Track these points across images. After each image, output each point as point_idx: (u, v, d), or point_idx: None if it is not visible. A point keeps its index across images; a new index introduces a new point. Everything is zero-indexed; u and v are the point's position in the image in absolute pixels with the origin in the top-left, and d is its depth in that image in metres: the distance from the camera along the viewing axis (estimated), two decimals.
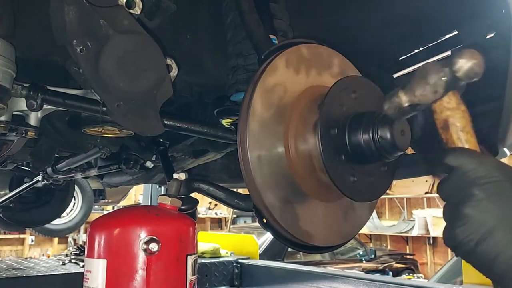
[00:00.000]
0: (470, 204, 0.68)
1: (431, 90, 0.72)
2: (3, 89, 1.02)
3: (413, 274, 9.59)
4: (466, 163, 0.70)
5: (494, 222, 0.66)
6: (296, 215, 0.94)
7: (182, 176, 1.05)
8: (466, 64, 0.69)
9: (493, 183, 0.68)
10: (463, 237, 0.67)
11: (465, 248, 0.68)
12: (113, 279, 0.91)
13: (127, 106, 1.03)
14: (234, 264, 3.32)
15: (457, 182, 0.71)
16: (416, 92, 0.73)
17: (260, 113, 0.92)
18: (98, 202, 5.71)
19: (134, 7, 1.02)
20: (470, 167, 0.70)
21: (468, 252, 0.68)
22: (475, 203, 0.67)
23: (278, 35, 1.18)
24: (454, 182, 0.71)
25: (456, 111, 0.74)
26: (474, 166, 0.70)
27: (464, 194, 0.69)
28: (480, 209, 0.67)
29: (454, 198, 0.71)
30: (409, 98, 0.74)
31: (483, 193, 0.67)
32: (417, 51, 1.59)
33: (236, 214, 12.15)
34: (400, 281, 2.79)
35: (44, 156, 1.85)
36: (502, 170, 0.69)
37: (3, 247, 11.00)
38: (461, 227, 0.68)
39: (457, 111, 0.74)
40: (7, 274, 2.57)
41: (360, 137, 0.87)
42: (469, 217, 0.67)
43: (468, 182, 0.69)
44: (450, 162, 0.72)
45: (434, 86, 0.72)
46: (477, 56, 0.70)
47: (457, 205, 0.69)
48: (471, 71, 0.70)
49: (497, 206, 0.67)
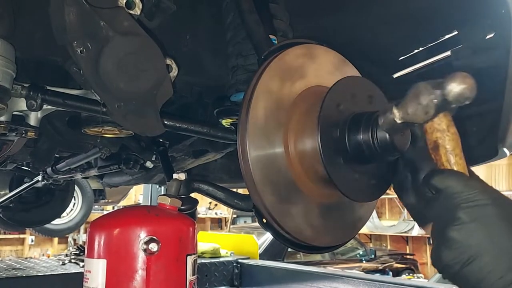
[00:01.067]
0: (455, 227, 0.68)
1: (423, 111, 0.73)
2: (3, 89, 1.02)
3: (413, 274, 9.59)
4: (452, 185, 0.71)
5: (479, 246, 0.67)
6: (296, 215, 0.94)
7: (182, 176, 1.05)
8: (456, 88, 0.70)
9: (478, 207, 0.69)
10: (448, 260, 0.68)
11: (451, 271, 0.69)
12: (113, 279, 0.91)
13: (127, 107, 1.03)
14: (234, 264, 3.33)
15: (443, 204, 0.72)
16: (408, 110, 0.74)
17: (260, 113, 0.92)
18: (98, 202, 5.72)
19: (134, 8, 1.02)
20: (456, 190, 0.71)
21: (453, 274, 0.69)
22: (460, 227, 0.68)
23: (278, 35, 1.18)
24: (440, 203, 0.73)
25: (446, 133, 0.75)
26: (460, 189, 0.70)
27: (449, 217, 0.70)
28: (464, 232, 0.68)
29: (440, 220, 0.72)
30: (402, 115, 0.75)
31: (468, 217, 0.68)
32: (417, 51, 1.59)
33: (236, 214, 12.15)
34: (400, 281, 2.79)
35: (44, 156, 1.85)
36: (488, 193, 0.70)
37: (3, 247, 11.01)
38: (446, 251, 0.69)
39: (447, 133, 0.75)
40: (7, 274, 2.58)
41: (360, 138, 0.88)
42: (454, 241, 0.68)
43: (453, 205, 0.70)
44: (436, 183, 0.73)
45: (425, 107, 0.72)
46: (469, 81, 0.70)
47: (443, 227, 0.70)
48: (462, 96, 0.70)
49: (481, 230, 0.67)
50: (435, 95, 0.72)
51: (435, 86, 0.72)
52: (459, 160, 0.75)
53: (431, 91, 0.72)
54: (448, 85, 0.71)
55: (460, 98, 0.71)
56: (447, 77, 0.72)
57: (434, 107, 0.72)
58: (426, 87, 0.73)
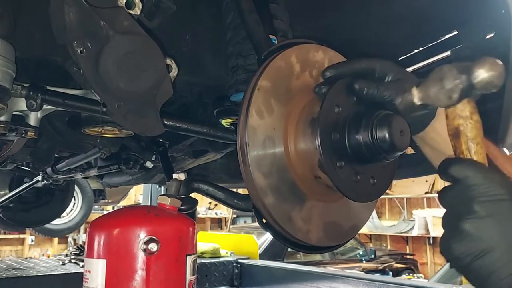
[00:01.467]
0: (469, 220, 0.67)
1: (446, 95, 0.70)
2: (3, 89, 1.02)
3: (413, 274, 9.59)
4: (471, 176, 0.69)
5: (492, 241, 0.66)
6: (296, 215, 0.94)
7: (182, 176, 1.05)
8: (485, 75, 0.67)
9: (496, 201, 0.67)
10: (460, 252, 0.67)
11: (461, 263, 0.68)
12: (112, 279, 0.91)
13: (127, 107, 1.03)
14: (234, 264, 3.33)
15: (459, 194, 0.70)
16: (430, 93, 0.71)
17: (260, 113, 0.92)
18: (98, 202, 5.71)
19: (133, 7, 1.02)
20: (474, 181, 0.68)
21: (463, 267, 0.68)
22: (475, 220, 0.67)
23: (278, 35, 1.18)
24: (456, 193, 0.70)
25: (468, 120, 0.71)
26: (478, 181, 0.68)
27: (464, 209, 0.68)
28: (478, 226, 0.66)
29: (454, 210, 0.70)
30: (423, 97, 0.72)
31: (484, 211, 0.67)
32: (417, 51, 1.59)
33: (236, 214, 12.16)
34: (400, 281, 2.80)
35: (44, 156, 1.86)
36: (507, 188, 0.68)
37: (3, 247, 11.01)
38: (457, 243, 0.67)
39: (470, 121, 0.72)
40: (7, 274, 2.58)
41: (360, 137, 0.87)
42: (466, 233, 0.67)
43: (470, 197, 0.68)
44: (454, 173, 0.71)
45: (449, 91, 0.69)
46: (498, 68, 0.67)
47: (457, 218, 0.68)
48: (490, 83, 0.67)
49: (496, 225, 0.66)
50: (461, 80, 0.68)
51: (461, 70, 0.69)
52: (480, 149, 0.72)
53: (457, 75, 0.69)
54: (476, 71, 0.67)
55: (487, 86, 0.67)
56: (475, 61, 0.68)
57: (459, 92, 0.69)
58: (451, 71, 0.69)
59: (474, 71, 0.67)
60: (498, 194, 0.67)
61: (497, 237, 0.66)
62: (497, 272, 0.65)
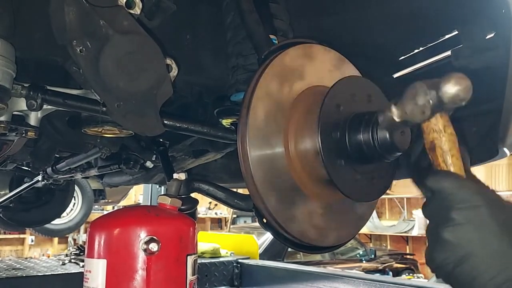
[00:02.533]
0: (448, 228, 0.69)
1: (419, 111, 0.73)
2: (3, 89, 1.02)
3: (413, 274, 9.59)
4: (447, 187, 0.71)
5: (471, 247, 0.67)
6: (296, 215, 0.94)
7: (182, 176, 1.05)
8: (451, 89, 0.70)
9: (472, 208, 0.69)
10: (441, 260, 0.69)
11: (444, 271, 0.69)
12: (113, 279, 0.91)
13: (127, 106, 1.03)
14: (234, 264, 3.32)
15: (437, 204, 0.72)
16: (406, 110, 0.74)
17: (260, 113, 0.92)
18: (98, 202, 5.71)
19: (134, 7, 1.02)
20: (450, 191, 0.71)
21: (446, 274, 0.69)
22: (453, 228, 0.68)
23: (278, 35, 1.18)
24: (434, 204, 0.73)
25: (442, 133, 0.75)
26: (454, 190, 0.71)
27: (443, 218, 0.70)
28: (457, 233, 0.68)
29: (434, 220, 0.72)
30: (401, 114, 0.75)
31: (462, 218, 0.68)
32: (417, 51, 1.59)
33: (236, 214, 12.15)
34: (400, 281, 2.80)
35: (44, 156, 1.86)
36: (482, 195, 0.71)
37: (3, 247, 11.00)
38: (438, 251, 0.69)
39: (444, 134, 0.75)
40: (7, 274, 2.58)
41: (360, 137, 0.88)
42: (446, 241, 0.68)
43: (447, 206, 0.70)
44: (431, 185, 0.73)
45: (422, 107, 0.72)
46: (464, 82, 0.70)
47: (436, 227, 0.70)
48: (456, 97, 0.70)
49: (474, 231, 0.68)
50: (431, 96, 0.71)
51: (431, 86, 0.72)
52: (456, 161, 0.75)
53: (427, 92, 0.72)
54: (443, 86, 0.70)
55: (455, 100, 0.70)
56: (442, 77, 0.71)
57: (430, 107, 0.72)
58: (422, 87, 0.72)
59: (442, 87, 0.70)
60: (474, 200, 0.69)
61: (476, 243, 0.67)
62: (479, 277, 0.66)
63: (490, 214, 0.68)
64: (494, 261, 0.66)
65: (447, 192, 0.71)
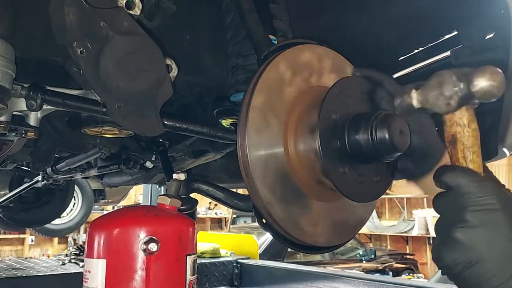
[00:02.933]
0: (461, 229, 0.67)
1: (444, 102, 0.69)
2: (3, 89, 1.02)
3: (413, 274, 9.59)
4: (465, 185, 0.69)
5: (483, 250, 0.66)
6: (296, 215, 0.94)
7: (182, 177, 1.05)
8: (485, 84, 0.66)
9: (488, 211, 0.67)
10: (451, 260, 0.67)
11: (451, 271, 0.68)
12: (112, 279, 0.91)
13: (127, 107, 1.03)
14: (234, 264, 3.33)
15: (452, 202, 0.70)
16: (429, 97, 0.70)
17: (260, 113, 0.92)
18: (98, 202, 5.71)
19: (133, 8, 1.02)
20: (467, 190, 0.68)
21: (454, 275, 0.68)
22: (466, 229, 0.66)
23: (278, 35, 1.18)
24: (449, 201, 0.70)
25: (466, 128, 0.71)
26: (472, 190, 0.68)
27: (456, 217, 0.68)
28: (470, 235, 0.66)
29: (447, 217, 0.70)
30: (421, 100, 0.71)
31: (476, 220, 0.66)
32: (417, 51, 1.59)
33: (236, 214, 12.15)
34: (400, 281, 2.80)
35: (44, 156, 1.86)
36: (500, 198, 0.68)
37: (3, 247, 11.01)
38: (449, 251, 0.67)
39: (467, 129, 0.71)
40: (7, 274, 2.58)
41: (359, 137, 0.88)
42: (458, 242, 0.67)
43: (462, 206, 0.68)
44: (448, 180, 0.71)
45: (448, 98, 0.68)
46: (498, 78, 0.66)
47: (449, 226, 0.68)
48: (489, 93, 0.66)
49: (488, 235, 0.66)
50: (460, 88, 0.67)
51: (461, 78, 0.67)
52: (476, 158, 0.71)
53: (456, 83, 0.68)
54: (476, 79, 0.66)
55: (486, 95, 0.66)
56: (476, 69, 0.67)
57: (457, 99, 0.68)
58: (451, 77, 0.68)
59: (474, 80, 0.67)
60: (491, 203, 0.67)
61: (488, 247, 0.66)
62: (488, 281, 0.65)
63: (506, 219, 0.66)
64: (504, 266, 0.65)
65: (464, 190, 0.68)
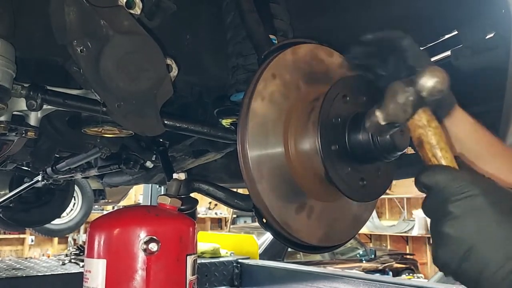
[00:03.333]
0: (447, 222, 0.67)
1: (401, 110, 0.73)
2: (3, 89, 1.02)
3: (413, 274, 9.59)
4: (441, 180, 0.70)
5: (472, 239, 0.65)
6: (296, 214, 0.94)
7: (182, 176, 1.05)
8: (428, 83, 0.70)
9: (468, 198, 0.67)
10: (446, 257, 0.67)
11: (450, 268, 0.68)
12: (113, 279, 0.91)
13: (127, 106, 1.03)
14: (234, 264, 3.33)
15: (434, 200, 0.70)
16: (389, 111, 0.74)
17: (260, 113, 0.92)
18: (98, 202, 5.71)
19: (134, 7, 1.02)
20: (444, 184, 0.69)
21: (454, 271, 0.67)
22: (452, 221, 0.67)
23: (278, 35, 1.18)
24: (432, 200, 0.71)
25: (427, 128, 0.74)
26: (448, 183, 0.69)
27: (441, 213, 0.68)
28: (457, 226, 0.66)
29: (434, 217, 0.71)
30: (385, 117, 0.75)
31: (459, 210, 0.67)
32: None
33: (236, 214, 12.15)
34: (400, 281, 2.80)
35: (44, 156, 1.86)
36: (477, 184, 0.69)
37: (3, 247, 11.00)
38: (442, 248, 0.68)
39: (429, 128, 0.74)
40: (7, 274, 2.58)
41: (360, 137, 0.88)
42: (448, 237, 0.67)
43: (443, 200, 0.68)
44: (426, 181, 0.72)
45: (403, 105, 0.72)
46: (439, 74, 0.70)
47: (436, 224, 0.69)
48: (434, 89, 0.70)
49: (474, 222, 0.66)
50: (410, 93, 0.71)
51: (408, 83, 0.72)
52: (446, 154, 0.74)
53: (405, 89, 0.72)
54: (419, 81, 0.71)
55: (433, 92, 0.70)
56: (418, 72, 0.72)
57: (410, 104, 0.72)
58: (400, 86, 0.73)
59: (418, 82, 0.71)
60: (469, 190, 0.67)
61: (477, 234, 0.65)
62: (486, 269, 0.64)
63: (488, 202, 0.66)
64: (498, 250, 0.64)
65: (442, 185, 0.69)
